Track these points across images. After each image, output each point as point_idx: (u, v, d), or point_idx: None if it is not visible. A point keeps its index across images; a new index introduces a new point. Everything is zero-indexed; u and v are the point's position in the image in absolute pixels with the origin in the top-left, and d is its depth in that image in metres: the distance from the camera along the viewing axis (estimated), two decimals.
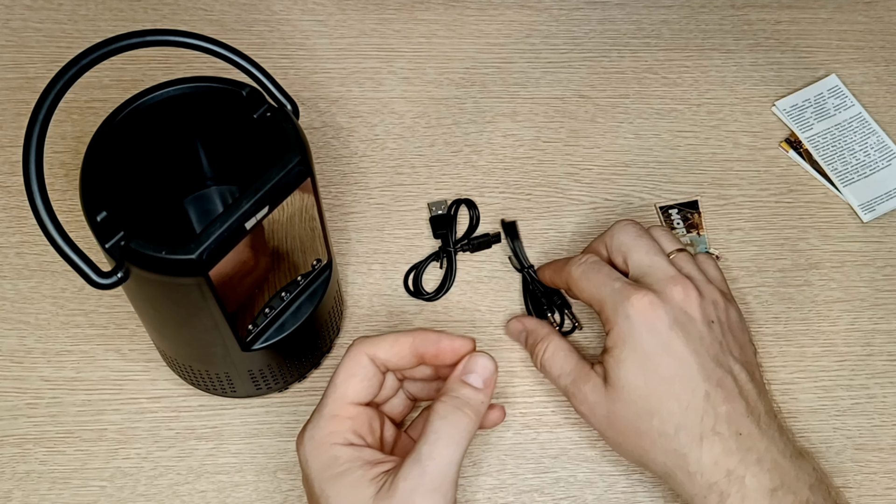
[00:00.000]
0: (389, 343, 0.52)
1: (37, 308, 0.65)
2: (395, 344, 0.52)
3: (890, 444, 0.62)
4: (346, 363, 0.52)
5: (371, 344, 0.52)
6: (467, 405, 0.49)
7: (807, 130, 0.73)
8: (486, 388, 0.50)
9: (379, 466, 0.49)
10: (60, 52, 0.75)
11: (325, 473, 0.49)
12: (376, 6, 0.79)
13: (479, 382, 0.50)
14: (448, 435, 0.48)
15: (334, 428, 0.50)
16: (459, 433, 0.49)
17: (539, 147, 0.73)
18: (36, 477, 0.60)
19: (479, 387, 0.50)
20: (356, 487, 0.48)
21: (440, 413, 0.49)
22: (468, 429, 0.49)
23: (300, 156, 0.50)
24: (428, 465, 0.47)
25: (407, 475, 0.47)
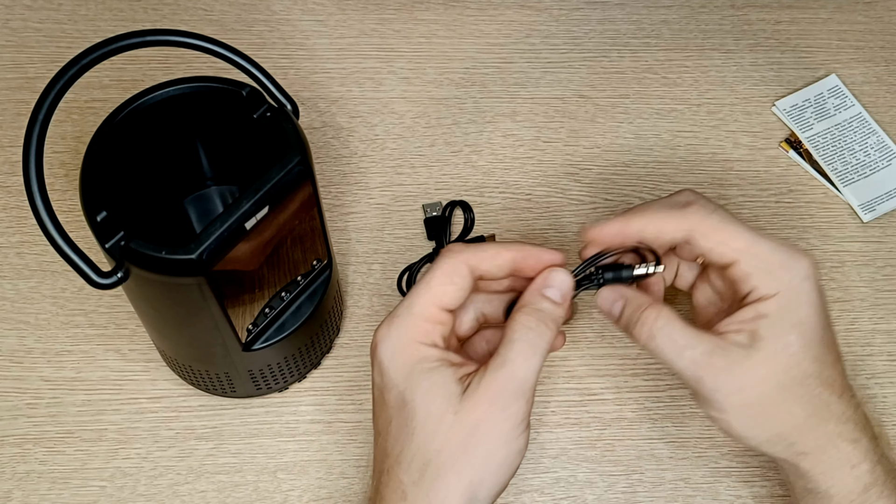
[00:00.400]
0: (491, 255, 0.51)
1: (37, 308, 0.65)
2: (496, 256, 0.51)
3: (890, 445, 0.62)
4: (443, 267, 0.50)
5: (472, 254, 0.51)
6: (549, 317, 0.50)
7: (807, 130, 0.73)
8: (564, 302, 0.50)
9: (463, 367, 0.50)
10: (60, 52, 0.75)
11: (412, 371, 0.49)
12: (376, 6, 0.79)
13: (557, 297, 0.50)
14: (533, 344, 0.49)
15: (426, 328, 0.50)
16: (542, 343, 0.49)
17: (539, 147, 0.73)
18: (36, 477, 0.60)
19: (558, 301, 0.50)
20: (444, 386, 0.48)
21: (524, 323, 0.49)
22: (548, 340, 0.49)
23: (300, 156, 0.50)
24: (515, 370, 0.48)
25: (494, 378, 0.48)
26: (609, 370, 0.64)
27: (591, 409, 0.63)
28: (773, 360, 0.50)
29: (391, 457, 0.49)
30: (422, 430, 0.48)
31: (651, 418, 0.63)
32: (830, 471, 0.51)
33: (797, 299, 0.50)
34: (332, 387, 0.63)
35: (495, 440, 0.48)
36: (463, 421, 0.48)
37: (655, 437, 0.62)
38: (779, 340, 0.50)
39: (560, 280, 0.51)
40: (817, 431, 0.51)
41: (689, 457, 0.61)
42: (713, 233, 0.51)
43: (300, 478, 0.60)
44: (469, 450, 0.48)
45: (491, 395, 0.48)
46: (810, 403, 0.51)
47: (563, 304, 0.50)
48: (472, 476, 0.48)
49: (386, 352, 0.50)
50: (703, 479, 0.61)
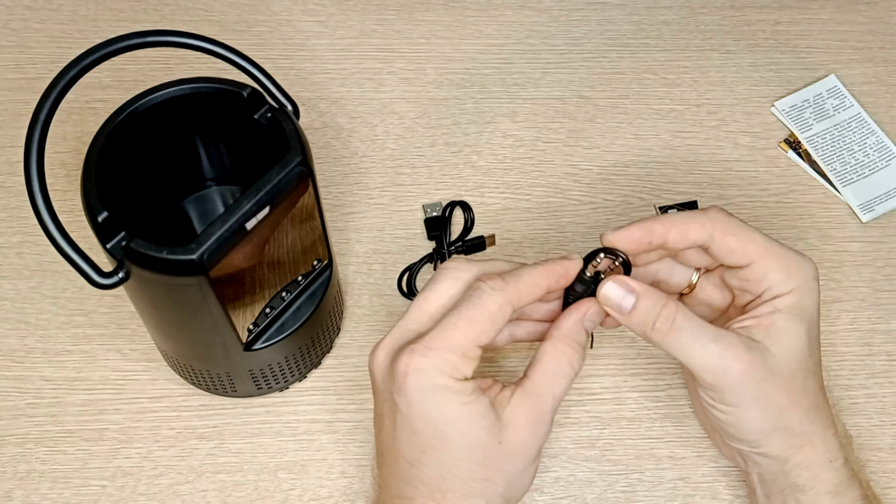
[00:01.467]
0: (529, 289, 0.51)
1: (37, 308, 0.65)
2: (534, 288, 0.51)
3: (889, 444, 0.62)
4: (489, 307, 0.50)
5: (515, 293, 0.50)
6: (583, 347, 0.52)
7: (806, 131, 0.73)
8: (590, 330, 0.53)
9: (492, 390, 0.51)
10: (61, 52, 0.75)
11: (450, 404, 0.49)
12: (376, 7, 0.79)
13: (591, 327, 0.53)
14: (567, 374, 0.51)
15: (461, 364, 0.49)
16: (574, 372, 0.52)
17: (539, 147, 0.73)
18: (37, 476, 0.60)
19: (591, 330, 0.53)
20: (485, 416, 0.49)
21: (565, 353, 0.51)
22: (579, 368, 0.52)
23: (300, 156, 0.50)
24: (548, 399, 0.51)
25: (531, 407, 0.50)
26: (609, 370, 0.64)
27: (591, 409, 0.63)
28: (788, 353, 0.52)
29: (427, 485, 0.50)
30: (468, 458, 0.49)
31: (651, 418, 0.63)
32: (815, 464, 0.53)
33: (808, 297, 0.53)
34: (332, 386, 0.63)
35: (527, 461, 0.51)
36: (507, 448, 0.50)
37: (655, 436, 0.62)
38: (791, 333, 0.52)
39: (595, 312, 0.52)
40: (815, 425, 0.53)
41: (688, 456, 0.61)
42: (734, 234, 0.53)
43: (301, 477, 0.61)
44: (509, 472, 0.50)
45: (527, 422, 0.50)
46: (812, 397, 0.53)
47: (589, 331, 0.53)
48: (508, 494, 0.51)
49: (416, 386, 0.49)
50: (702, 479, 0.61)
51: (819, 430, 0.53)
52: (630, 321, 0.52)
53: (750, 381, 0.51)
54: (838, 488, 0.53)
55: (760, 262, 0.53)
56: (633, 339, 0.65)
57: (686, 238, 0.53)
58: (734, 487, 0.60)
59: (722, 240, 0.53)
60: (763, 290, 0.53)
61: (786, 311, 0.52)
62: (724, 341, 0.51)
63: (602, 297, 0.52)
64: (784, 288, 0.53)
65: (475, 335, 0.49)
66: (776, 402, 0.52)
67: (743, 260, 0.53)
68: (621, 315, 0.52)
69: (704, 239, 0.53)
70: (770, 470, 0.54)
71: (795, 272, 0.53)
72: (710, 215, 0.53)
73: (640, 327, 0.52)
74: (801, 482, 0.53)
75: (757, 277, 0.53)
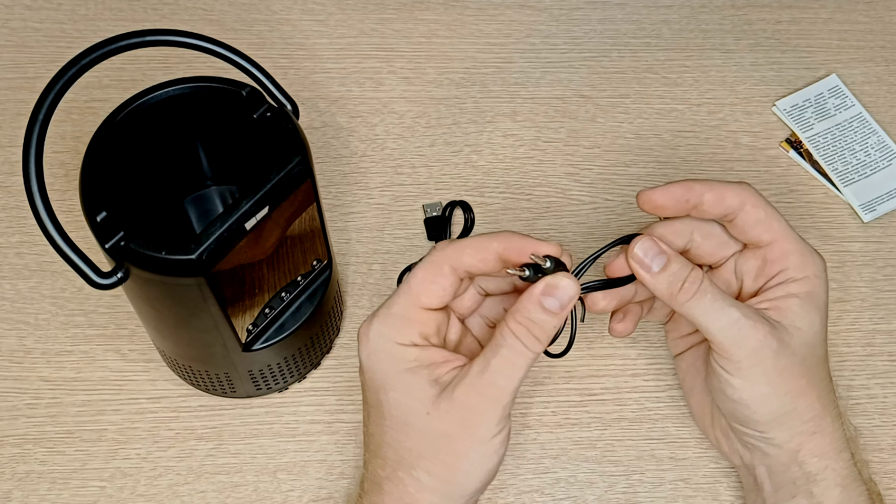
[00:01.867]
0: (474, 249, 0.50)
1: (36, 308, 0.65)
2: (480, 250, 0.50)
3: (890, 445, 0.62)
4: (426, 267, 0.50)
5: (455, 251, 0.50)
6: (540, 329, 0.48)
7: (807, 130, 0.73)
8: (563, 311, 0.49)
9: (443, 366, 0.50)
10: (60, 51, 0.75)
11: (387, 371, 0.50)
12: (376, 6, 0.78)
13: (555, 307, 0.48)
14: (519, 354, 0.48)
15: (402, 328, 0.50)
16: (529, 354, 0.48)
17: (539, 147, 0.73)
18: (35, 477, 0.60)
19: (556, 311, 0.48)
20: (418, 387, 0.49)
21: (515, 331, 0.48)
22: (536, 350, 0.49)
23: (300, 156, 0.50)
24: (495, 378, 0.48)
25: (471, 383, 0.48)
26: (609, 370, 0.64)
27: (591, 410, 0.63)
28: (802, 336, 0.52)
29: (369, 451, 0.51)
30: (395, 427, 0.49)
31: (651, 419, 0.63)
32: (827, 453, 0.53)
33: (820, 286, 0.54)
34: (332, 387, 0.63)
35: (468, 441, 0.49)
36: (435, 420, 0.48)
37: (656, 437, 0.62)
38: (805, 319, 0.53)
39: (562, 290, 0.48)
40: (826, 411, 0.53)
41: (689, 457, 0.61)
42: (763, 208, 0.54)
43: (300, 478, 0.60)
44: (440, 448, 0.49)
45: (467, 398, 0.48)
46: (822, 385, 0.54)
47: (561, 313, 0.48)
48: (444, 474, 0.49)
49: (364, 351, 0.50)
50: (703, 480, 0.61)
51: (829, 417, 0.53)
52: (657, 281, 0.51)
53: (765, 352, 0.51)
54: (846, 480, 0.53)
55: (782, 241, 0.54)
56: (634, 339, 0.65)
57: (721, 201, 0.53)
58: (735, 488, 0.60)
59: (753, 210, 0.53)
60: (779, 272, 0.54)
61: (801, 296, 0.53)
62: (745, 309, 0.52)
63: (633, 255, 0.51)
64: (799, 273, 0.53)
65: (413, 296, 0.50)
66: (788, 381, 0.52)
67: (766, 235, 0.54)
68: (649, 274, 0.51)
69: (736, 206, 0.53)
70: (780, 461, 0.53)
71: (810, 261, 0.54)
72: (744, 186, 0.54)
73: (668, 288, 0.51)
74: (814, 471, 0.52)
75: (775, 257, 0.54)
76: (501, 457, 0.50)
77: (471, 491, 0.50)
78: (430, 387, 0.49)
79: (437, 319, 0.51)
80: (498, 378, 0.48)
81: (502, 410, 0.49)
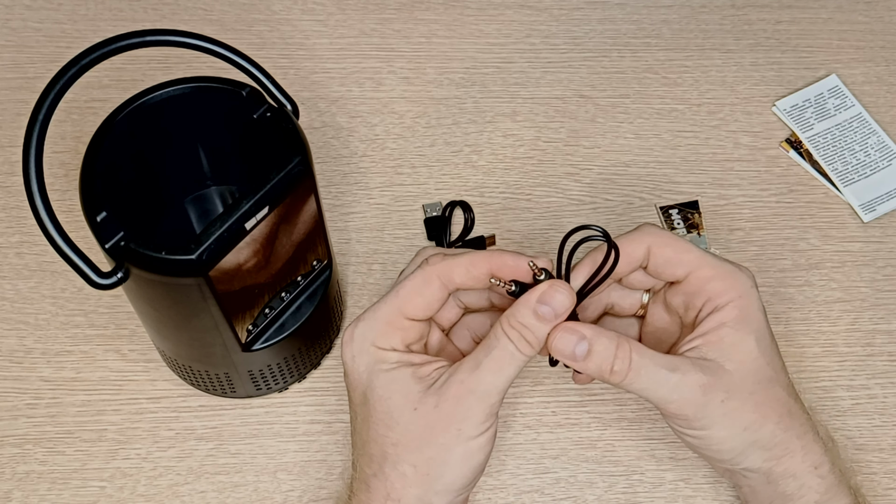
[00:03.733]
0: (465, 267, 0.51)
1: (36, 308, 0.65)
2: (471, 268, 0.51)
3: (890, 445, 0.62)
4: (416, 279, 0.51)
5: (447, 267, 0.51)
6: (532, 334, 0.49)
7: (807, 130, 0.73)
8: (556, 320, 0.49)
9: (426, 366, 0.51)
10: (60, 52, 0.75)
11: (371, 371, 0.51)
12: (376, 6, 0.78)
13: (549, 315, 0.49)
14: (510, 357, 0.49)
15: (385, 334, 0.51)
16: (519, 357, 0.49)
17: (539, 147, 0.73)
18: (36, 477, 0.60)
19: (549, 319, 0.49)
20: (403, 383, 0.50)
21: (506, 332, 0.49)
22: (527, 354, 0.49)
23: (300, 156, 0.50)
24: (482, 377, 0.49)
25: (461, 380, 0.49)
26: None
27: (591, 410, 0.63)
28: (742, 367, 0.51)
29: (356, 450, 0.52)
30: (380, 423, 0.50)
31: (651, 419, 0.62)
32: (800, 473, 0.52)
33: (750, 305, 0.52)
34: (331, 387, 0.63)
35: (452, 436, 0.49)
36: (421, 415, 0.49)
37: (656, 437, 0.62)
38: (741, 346, 0.52)
39: (558, 301, 0.49)
40: (789, 433, 0.52)
41: (689, 457, 0.61)
42: (668, 245, 0.53)
43: (300, 478, 0.60)
44: (424, 443, 0.49)
45: (453, 395, 0.49)
46: (778, 406, 0.52)
47: (554, 322, 0.49)
48: (428, 469, 0.49)
49: (347, 353, 0.52)
50: (703, 480, 0.61)
51: (796, 436, 0.52)
52: (587, 367, 0.50)
53: (711, 404, 0.50)
54: (826, 496, 0.52)
55: (697, 271, 0.52)
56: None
57: (629, 258, 0.53)
58: (735, 488, 0.60)
59: (659, 251, 0.53)
60: (704, 302, 0.52)
61: (731, 324, 0.52)
62: (680, 370, 0.50)
63: (554, 350, 0.50)
64: (724, 299, 0.52)
65: (400, 305, 0.51)
66: (742, 418, 0.51)
67: (680, 270, 0.53)
68: (576, 363, 0.50)
69: (643, 253, 0.53)
70: (758, 482, 0.53)
71: (733, 282, 0.52)
72: (644, 229, 0.53)
73: (599, 370, 0.50)
74: (790, 491, 0.52)
75: (695, 289, 0.53)
76: (487, 455, 0.50)
77: (456, 487, 0.50)
78: (415, 383, 0.50)
79: (420, 329, 0.52)
80: (487, 376, 0.49)
81: (489, 409, 0.49)
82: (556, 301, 0.49)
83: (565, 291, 0.49)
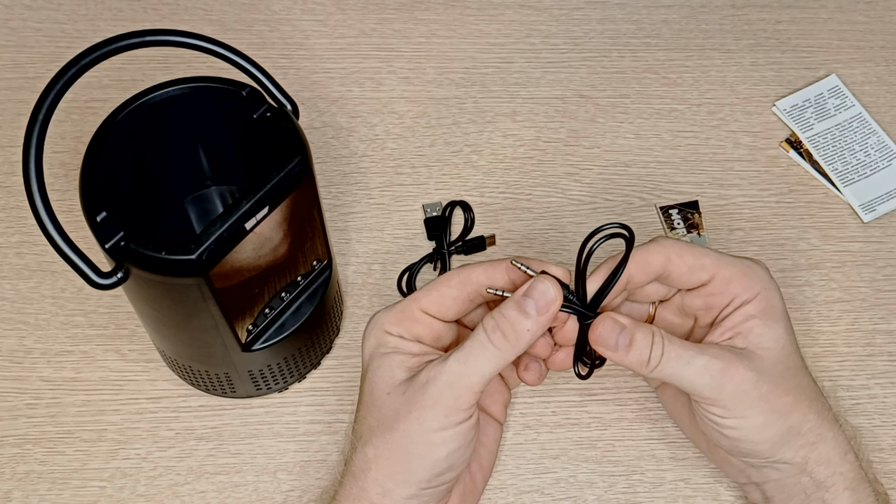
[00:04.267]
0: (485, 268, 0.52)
1: (36, 308, 0.65)
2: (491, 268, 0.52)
3: (890, 445, 0.62)
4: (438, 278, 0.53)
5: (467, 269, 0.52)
6: (512, 329, 0.49)
7: (807, 130, 0.73)
8: (540, 315, 0.49)
9: (418, 357, 0.51)
10: (60, 51, 0.75)
11: (371, 354, 0.53)
12: (376, 6, 0.78)
13: (532, 310, 0.49)
14: (488, 350, 0.49)
15: (396, 321, 0.52)
16: (492, 349, 0.49)
17: (539, 147, 0.73)
18: (35, 477, 0.60)
19: (531, 314, 0.49)
20: (389, 369, 0.51)
21: (486, 327, 0.49)
22: (501, 348, 0.49)
23: (300, 156, 0.50)
24: (451, 365, 0.49)
25: (432, 367, 0.50)
26: (609, 370, 0.64)
27: (591, 410, 0.63)
28: (773, 354, 0.52)
29: (355, 423, 0.53)
30: (365, 405, 0.52)
31: (651, 419, 0.62)
32: (833, 459, 0.53)
33: (773, 296, 0.54)
34: (331, 387, 0.63)
35: (413, 424, 0.49)
36: (391, 399, 0.50)
37: (656, 437, 0.62)
38: (770, 335, 0.52)
39: (539, 292, 0.49)
40: (821, 418, 0.53)
41: (689, 457, 0.61)
42: (687, 254, 0.53)
43: (300, 478, 0.60)
44: (388, 427, 0.50)
45: (420, 382, 0.49)
46: (809, 391, 0.53)
47: (536, 317, 0.49)
48: (389, 455, 0.50)
49: (364, 334, 0.53)
50: (703, 480, 0.61)
51: (826, 423, 0.53)
52: (627, 358, 0.50)
53: (746, 386, 0.51)
54: (854, 483, 0.53)
55: (720, 273, 0.53)
56: None
57: (648, 268, 0.53)
58: (735, 488, 0.60)
59: (680, 260, 0.53)
60: (730, 301, 0.53)
61: (759, 315, 0.53)
62: (711, 351, 0.51)
63: (599, 339, 0.50)
64: (749, 294, 0.53)
65: (417, 297, 0.52)
66: (778, 403, 0.52)
67: (703, 275, 0.53)
68: (616, 353, 0.50)
69: (662, 263, 0.53)
70: (788, 475, 0.53)
71: (753, 277, 0.53)
72: (660, 241, 0.54)
73: (638, 362, 0.50)
74: (822, 478, 0.52)
75: (720, 289, 0.53)
76: (451, 452, 0.49)
77: (417, 479, 0.50)
78: (400, 370, 0.51)
79: (439, 328, 0.53)
80: (453, 365, 0.49)
81: (454, 402, 0.48)
82: (538, 292, 0.49)
83: (549, 284, 0.49)
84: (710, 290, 0.54)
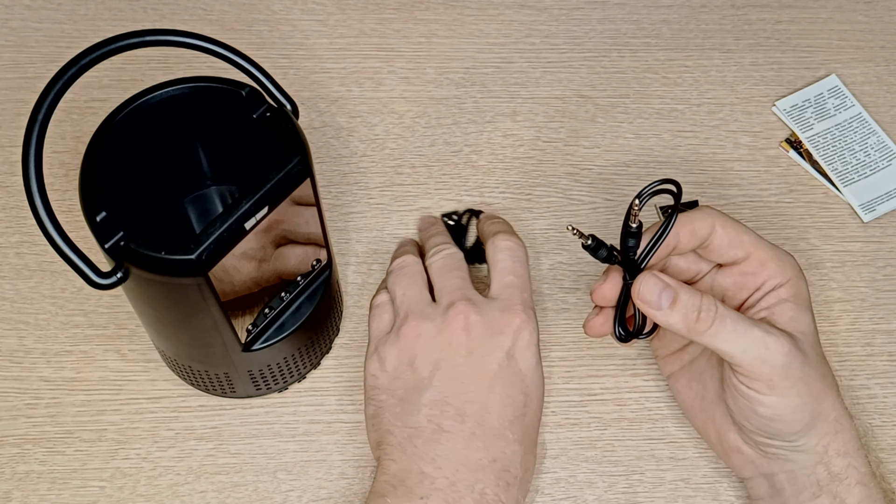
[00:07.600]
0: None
1: (36, 308, 0.65)
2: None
3: (890, 445, 0.62)
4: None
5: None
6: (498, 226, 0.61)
7: (807, 130, 0.73)
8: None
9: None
10: (60, 51, 0.75)
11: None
12: (376, 6, 0.78)
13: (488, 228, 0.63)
14: (512, 252, 0.59)
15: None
16: (517, 247, 0.59)
17: (539, 147, 0.73)
18: (35, 477, 0.60)
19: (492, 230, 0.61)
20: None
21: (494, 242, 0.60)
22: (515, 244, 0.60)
23: (300, 156, 0.50)
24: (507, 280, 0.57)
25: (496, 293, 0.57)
26: (609, 370, 0.64)
27: (591, 410, 0.63)
28: (806, 339, 0.53)
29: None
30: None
31: (651, 419, 0.63)
32: (850, 450, 0.53)
33: (802, 285, 0.55)
34: (331, 387, 0.63)
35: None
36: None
37: (655, 437, 0.62)
38: (802, 320, 0.54)
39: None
40: (842, 410, 0.54)
41: (689, 457, 0.61)
42: (732, 226, 0.55)
43: (300, 478, 0.60)
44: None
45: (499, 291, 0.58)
46: (831, 382, 0.54)
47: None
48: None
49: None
50: (703, 480, 0.61)
51: (846, 415, 0.54)
52: (670, 317, 0.50)
53: (794, 364, 0.51)
54: (865, 478, 0.53)
55: (756, 252, 0.54)
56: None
57: (694, 233, 0.54)
58: (736, 488, 0.60)
59: (724, 231, 0.54)
60: (763, 282, 0.55)
61: (792, 300, 0.54)
62: (764, 325, 0.51)
63: (640, 296, 0.51)
64: (782, 278, 0.54)
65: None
66: (814, 386, 0.52)
67: (740, 252, 0.54)
68: (660, 312, 0.50)
69: (708, 231, 0.54)
70: (804, 465, 0.53)
71: (786, 263, 0.55)
72: (706, 210, 0.55)
73: (684, 321, 0.50)
74: (838, 470, 0.53)
75: (754, 269, 0.54)
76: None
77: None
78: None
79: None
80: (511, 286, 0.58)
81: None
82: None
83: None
84: (743, 268, 0.55)
